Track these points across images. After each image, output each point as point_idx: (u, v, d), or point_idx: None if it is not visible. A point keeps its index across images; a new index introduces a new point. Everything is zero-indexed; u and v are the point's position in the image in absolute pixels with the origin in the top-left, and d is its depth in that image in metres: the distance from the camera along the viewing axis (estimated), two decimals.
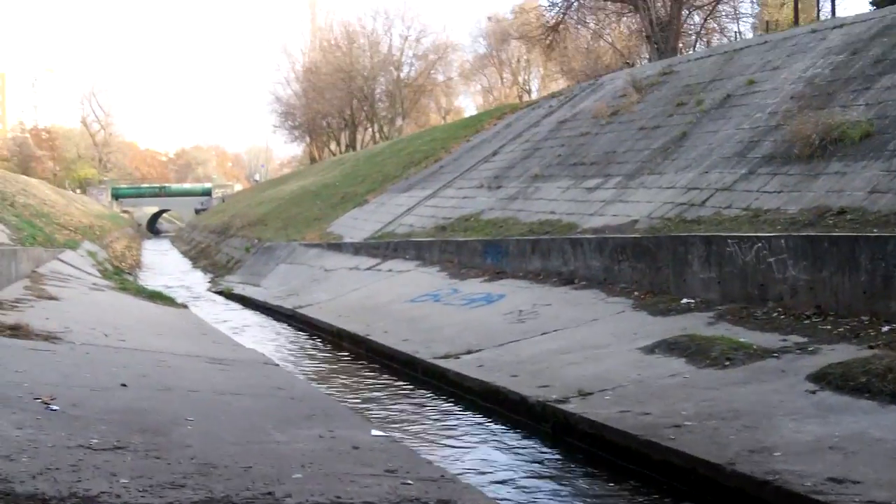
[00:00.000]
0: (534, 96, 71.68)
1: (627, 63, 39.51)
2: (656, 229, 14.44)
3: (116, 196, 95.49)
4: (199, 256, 42.55)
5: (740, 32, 40.16)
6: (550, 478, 7.10)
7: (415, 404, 10.03)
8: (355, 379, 11.91)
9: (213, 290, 25.82)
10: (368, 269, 20.38)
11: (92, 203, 75.68)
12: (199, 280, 31.06)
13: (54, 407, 6.65)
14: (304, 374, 12.07)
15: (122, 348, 10.82)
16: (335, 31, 77.04)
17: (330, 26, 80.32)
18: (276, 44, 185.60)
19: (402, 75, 68.10)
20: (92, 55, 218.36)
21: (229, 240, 39.41)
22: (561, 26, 41.32)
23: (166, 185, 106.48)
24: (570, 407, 7.82)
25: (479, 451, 7.94)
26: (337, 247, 23.99)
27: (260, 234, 33.39)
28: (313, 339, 15.78)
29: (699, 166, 16.21)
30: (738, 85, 18.95)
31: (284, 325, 18.00)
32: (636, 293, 12.50)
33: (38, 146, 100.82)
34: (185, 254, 49.73)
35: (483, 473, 7.19)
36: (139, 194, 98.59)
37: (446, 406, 9.77)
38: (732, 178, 14.84)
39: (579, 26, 42.91)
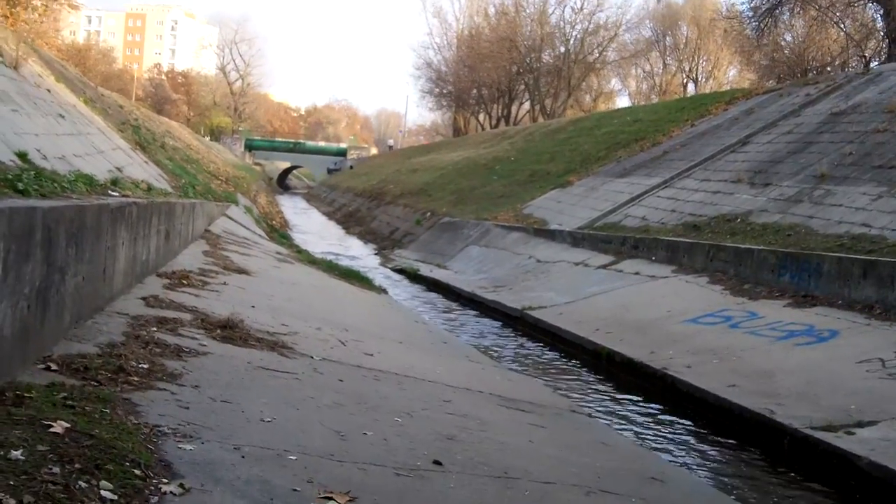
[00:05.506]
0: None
1: (863, 57, 34.30)
2: None
3: (250, 147, 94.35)
4: (349, 221, 39.59)
5: None
6: None
7: None
8: (697, 452, 8.18)
9: (389, 266, 22.52)
10: (602, 266, 16.63)
11: (226, 152, 74.26)
12: (360, 250, 27.94)
13: None
14: (624, 433, 8.38)
15: (380, 371, 7.50)
16: None
17: None
18: (421, 6, 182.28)
19: (570, 50, 63.36)
20: (232, 3, 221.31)
21: (386, 207, 36.28)
22: (777, 10, 36.28)
23: (301, 141, 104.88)
24: None
25: None
26: (547, 234, 20.29)
27: (428, 206, 30.04)
28: (565, 358, 12.29)
29: None
30: None
31: (507, 328, 14.70)
32: None
33: (173, 90, 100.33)
34: (328, 215, 47.01)
35: None
36: (273, 148, 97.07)
37: None
38: None
39: (799, 11, 37.67)
